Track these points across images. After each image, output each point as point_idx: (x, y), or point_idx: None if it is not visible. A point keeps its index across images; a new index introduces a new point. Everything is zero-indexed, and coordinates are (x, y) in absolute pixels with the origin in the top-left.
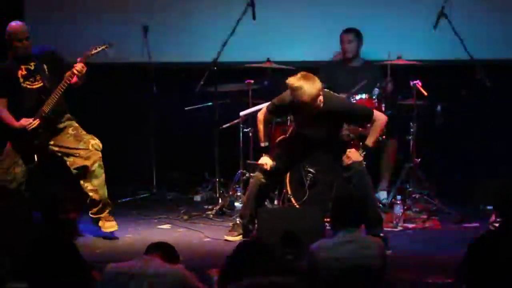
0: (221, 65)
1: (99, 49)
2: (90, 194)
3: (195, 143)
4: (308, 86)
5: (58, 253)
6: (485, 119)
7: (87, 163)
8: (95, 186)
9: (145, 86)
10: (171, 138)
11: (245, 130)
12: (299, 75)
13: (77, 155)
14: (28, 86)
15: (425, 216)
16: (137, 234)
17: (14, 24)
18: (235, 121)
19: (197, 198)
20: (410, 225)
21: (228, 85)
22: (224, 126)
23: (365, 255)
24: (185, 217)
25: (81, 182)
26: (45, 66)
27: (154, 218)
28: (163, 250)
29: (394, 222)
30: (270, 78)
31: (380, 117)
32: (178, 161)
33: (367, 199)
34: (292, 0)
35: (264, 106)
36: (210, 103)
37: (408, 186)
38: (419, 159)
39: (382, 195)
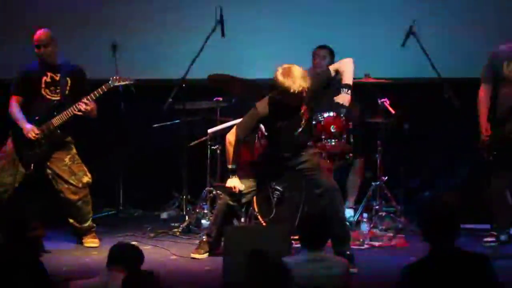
0: (189, 82)
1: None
2: (71, 222)
3: (162, 161)
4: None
5: (24, 271)
6: (453, 137)
7: (73, 198)
8: (76, 218)
9: (113, 103)
10: (138, 155)
11: (213, 147)
12: (280, 69)
13: (66, 187)
14: (47, 95)
15: (391, 234)
16: (103, 251)
17: (38, 30)
18: (203, 138)
19: (164, 215)
20: (377, 243)
21: (196, 103)
22: (192, 143)
23: (329, 274)
24: (151, 234)
25: (65, 211)
26: (69, 81)
27: (120, 235)
28: (124, 261)
29: (361, 240)
30: (238, 95)
31: (345, 60)
32: (145, 178)
33: (337, 216)
34: (261, 18)
35: (232, 123)
36: (178, 120)
37: (374, 204)
38: (386, 177)
39: (349, 213)
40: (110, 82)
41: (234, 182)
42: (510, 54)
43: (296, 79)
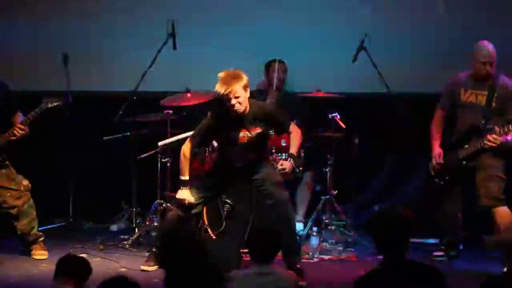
0: (140, 95)
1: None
2: (19, 232)
3: (113, 173)
4: (237, 73)
5: None
6: (403, 151)
7: (18, 203)
8: (24, 225)
9: (65, 114)
10: (89, 167)
11: (163, 160)
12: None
13: (9, 194)
14: None
15: (341, 248)
16: (52, 263)
17: None
18: (153, 151)
19: (114, 227)
20: (326, 257)
21: (147, 115)
22: (142, 156)
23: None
24: (101, 246)
25: (11, 221)
26: None
27: (70, 248)
28: (72, 273)
29: (310, 253)
30: (189, 108)
31: (296, 129)
32: (95, 190)
33: (288, 228)
34: (213, 31)
35: (182, 136)
36: (128, 133)
37: (324, 218)
38: (336, 191)
39: (299, 226)
40: (42, 104)
41: (184, 194)
42: (468, 82)
43: (221, 81)
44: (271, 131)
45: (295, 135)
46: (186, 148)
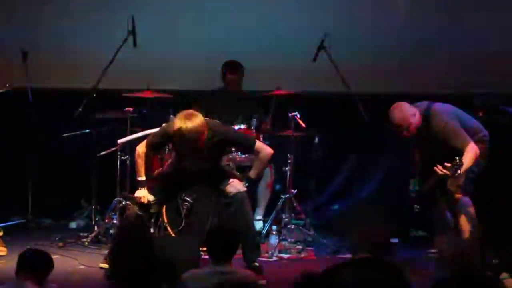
0: (100, 91)
1: None
2: None
3: (72, 170)
4: (192, 126)
5: None
6: (363, 151)
7: None
8: None
9: (23, 111)
10: (48, 164)
11: (122, 157)
12: (182, 115)
13: None
14: None
15: (300, 247)
16: (11, 260)
17: None
18: (113, 148)
19: (73, 225)
20: (285, 256)
21: (107, 112)
22: (101, 153)
23: (237, 286)
24: (60, 244)
25: None
26: None
27: (29, 245)
28: (33, 267)
29: (270, 252)
30: (149, 106)
31: (265, 150)
32: (54, 187)
33: (246, 226)
34: (174, 29)
35: (142, 134)
36: (88, 130)
37: (284, 217)
38: (296, 190)
39: (258, 225)
40: None
41: (142, 193)
42: None
43: (190, 135)
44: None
45: (263, 158)
46: (141, 150)
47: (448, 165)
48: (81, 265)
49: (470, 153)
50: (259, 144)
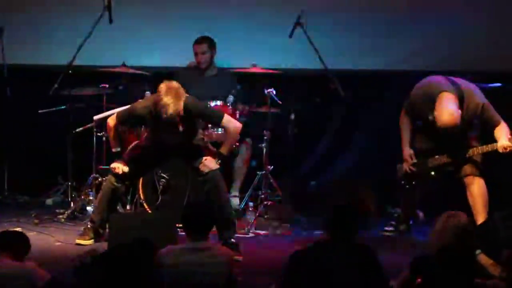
0: (76, 68)
1: None
2: None
3: (48, 147)
4: (175, 102)
5: None
6: (339, 127)
7: None
8: None
9: None
10: (24, 140)
11: (98, 134)
12: (165, 88)
13: None
14: None
15: (276, 223)
16: None
17: None
18: (89, 125)
19: (49, 201)
20: (262, 232)
21: (83, 89)
22: (77, 130)
23: (212, 263)
24: (36, 220)
25: None
26: None
27: (5, 222)
28: (10, 247)
29: (246, 228)
30: (124, 83)
31: (233, 124)
32: (30, 164)
33: (221, 203)
34: (150, 6)
35: (118, 110)
36: (64, 107)
37: (260, 193)
38: (272, 167)
39: (235, 201)
40: None
41: (117, 164)
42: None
43: (170, 110)
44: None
45: (232, 132)
46: (111, 123)
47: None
48: (57, 242)
49: (506, 129)
50: (226, 118)
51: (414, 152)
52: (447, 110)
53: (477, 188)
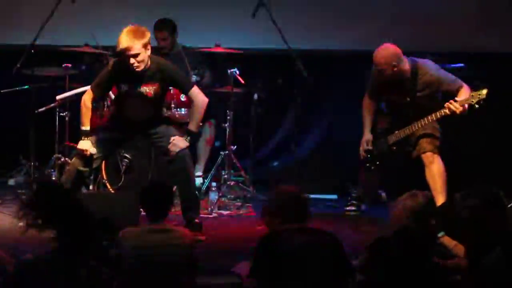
0: (39, 47)
1: None
2: None
3: (10, 127)
4: (140, 31)
5: None
6: (302, 108)
7: None
8: None
9: None
10: None
11: (61, 114)
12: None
13: None
14: None
15: (239, 203)
16: None
17: None
18: (52, 105)
19: (11, 182)
20: (225, 212)
21: (46, 69)
22: (40, 110)
23: (173, 244)
24: None
25: None
26: None
27: None
28: None
29: (209, 208)
30: (88, 63)
31: (201, 97)
32: None
33: (187, 183)
34: None
35: (81, 90)
36: (26, 86)
37: (223, 173)
38: (235, 147)
39: (198, 181)
40: None
41: (85, 145)
42: None
43: (123, 37)
44: (170, 88)
45: (200, 105)
46: (87, 97)
47: (461, 98)
48: (20, 223)
49: (469, 91)
50: (195, 90)
51: (377, 133)
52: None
53: (436, 168)
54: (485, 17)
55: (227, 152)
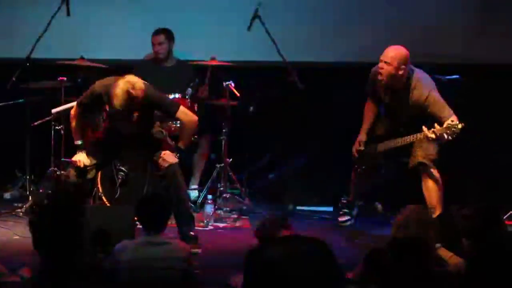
0: (34, 61)
1: None
2: None
3: (6, 140)
4: (124, 101)
5: None
6: (297, 120)
7: None
8: None
9: None
10: None
11: (56, 127)
12: (124, 81)
13: None
14: None
15: (235, 216)
16: None
17: None
18: (47, 118)
19: (7, 195)
20: (221, 225)
21: (41, 82)
22: (35, 123)
23: (169, 258)
24: None
25: None
26: None
27: None
28: None
29: (205, 221)
30: (83, 76)
31: (188, 117)
32: None
33: (179, 197)
34: None
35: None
36: (21, 100)
37: (219, 186)
38: (231, 159)
39: (193, 194)
40: None
41: (80, 157)
42: None
43: (121, 101)
44: None
45: (188, 124)
46: (73, 112)
47: (438, 127)
48: (16, 236)
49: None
50: (182, 110)
51: (372, 137)
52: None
53: (432, 181)
54: (483, 28)
55: (222, 164)
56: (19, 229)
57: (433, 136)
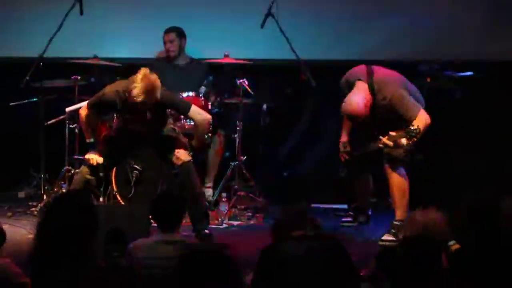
0: (47, 60)
1: None
2: None
3: (20, 139)
4: (147, 93)
5: None
6: (310, 118)
7: None
8: None
9: None
10: None
11: (71, 126)
12: (141, 76)
13: None
14: None
15: (250, 214)
16: None
17: None
18: (61, 117)
19: (21, 194)
20: (235, 223)
21: (55, 81)
22: (49, 122)
23: None
24: (9, 213)
25: None
26: None
27: None
28: None
29: (220, 219)
30: (96, 75)
31: (201, 116)
32: (2, 156)
33: (194, 195)
34: None
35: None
36: (35, 99)
37: (233, 184)
38: (245, 157)
39: (208, 192)
40: None
41: (92, 155)
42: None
43: (142, 90)
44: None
45: (201, 124)
46: (83, 113)
47: (395, 133)
48: (30, 235)
49: (423, 122)
50: (194, 109)
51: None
52: (349, 99)
53: (394, 181)
54: (494, 25)
55: (237, 162)
56: (33, 228)
57: (390, 143)
